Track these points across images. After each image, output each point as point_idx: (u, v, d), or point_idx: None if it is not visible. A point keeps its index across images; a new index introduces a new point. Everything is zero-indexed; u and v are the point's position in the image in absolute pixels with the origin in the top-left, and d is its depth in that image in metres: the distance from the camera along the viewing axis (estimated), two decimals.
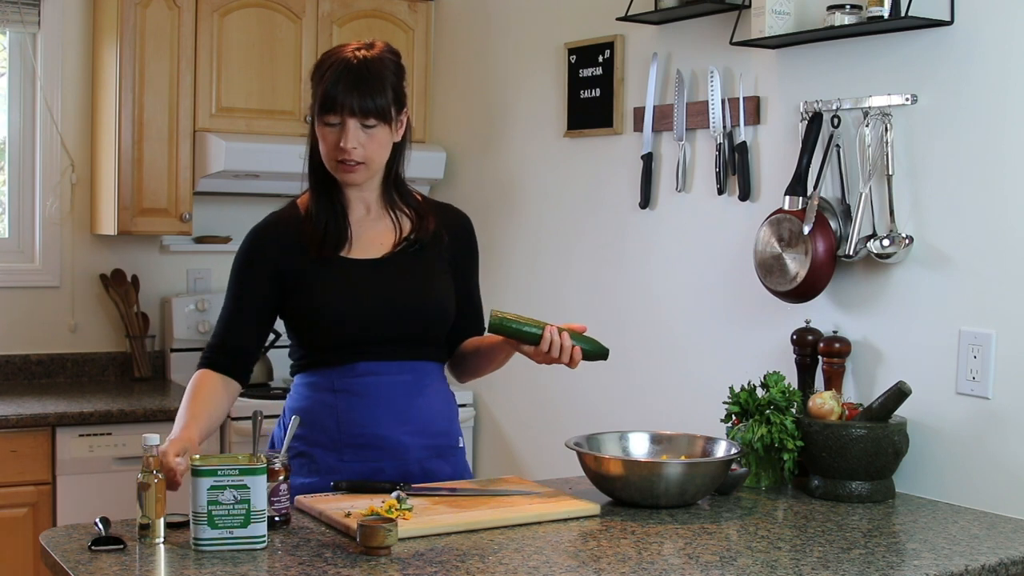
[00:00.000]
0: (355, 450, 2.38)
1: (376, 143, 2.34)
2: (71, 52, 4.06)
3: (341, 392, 2.38)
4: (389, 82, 2.34)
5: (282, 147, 3.97)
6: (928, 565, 2.04)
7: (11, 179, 4.08)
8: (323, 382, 2.40)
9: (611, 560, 2.00)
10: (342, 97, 2.28)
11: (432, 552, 2.01)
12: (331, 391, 2.39)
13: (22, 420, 3.45)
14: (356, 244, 2.40)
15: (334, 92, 2.29)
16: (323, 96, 2.30)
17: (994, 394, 2.51)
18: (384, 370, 2.38)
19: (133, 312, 4.13)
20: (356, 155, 2.32)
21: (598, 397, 3.58)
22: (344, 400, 2.38)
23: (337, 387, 2.38)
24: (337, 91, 2.29)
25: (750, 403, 2.61)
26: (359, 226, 2.42)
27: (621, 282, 3.50)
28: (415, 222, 2.44)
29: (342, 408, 2.38)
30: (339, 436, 2.38)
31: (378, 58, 2.34)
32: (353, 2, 4.21)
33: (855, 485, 2.52)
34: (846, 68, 2.81)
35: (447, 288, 2.46)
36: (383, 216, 2.45)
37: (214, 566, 1.89)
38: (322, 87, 2.31)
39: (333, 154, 2.33)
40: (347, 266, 2.38)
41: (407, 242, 2.42)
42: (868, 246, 2.70)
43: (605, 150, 3.56)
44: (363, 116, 2.30)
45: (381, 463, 2.39)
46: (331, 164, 2.35)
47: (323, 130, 2.33)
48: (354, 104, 2.28)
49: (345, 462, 2.38)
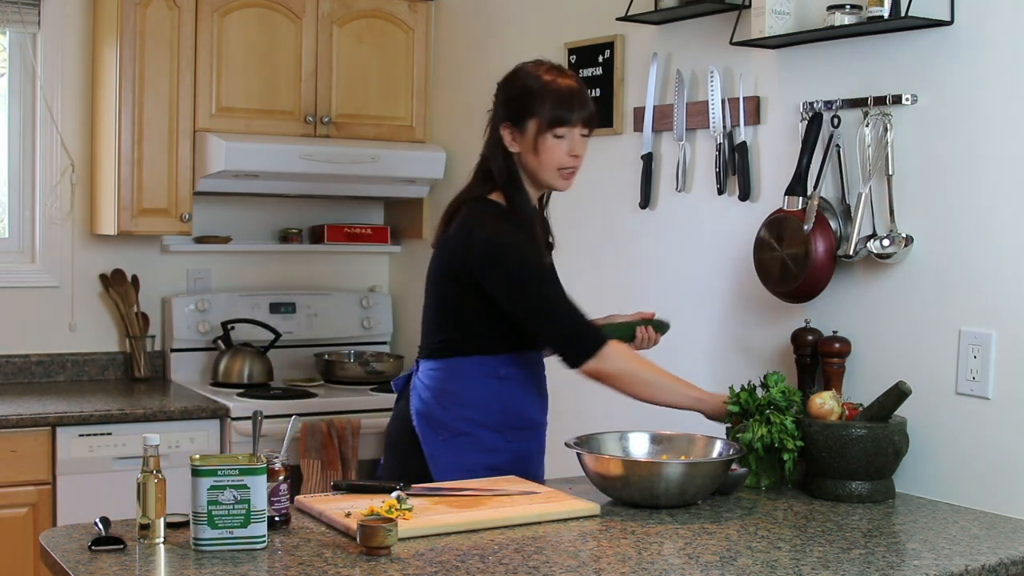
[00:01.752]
0: (517, 431, 2.67)
1: (586, 149, 2.67)
2: (71, 52, 4.06)
3: (504, 379, 2.64)
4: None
5: (282, 147, 3.97)
6: (928, 565, 2.04)
7: (11, 179, 4.08)
8: (487, 369, 2.64)
9: (611, 560, 2.00)
10: (575, 115, 2.59)
11: (432, 552, 2.01)
12: (496, 378, 2.64)
13: (22, 420, 3.45)
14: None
15: (567, 112, 2.58)
16: (555, 114, 2.58)
17: (994, 394, 2.51)
18: (535, 360, 2.72)
19: (133, 312, 4.14)
20: (579, 162, 2.64)
21: (598, 397, 3.58)
22: (507, 386, 2.65)
23: (501, 374, 2.64)
24: (572, 110, 2.59)
25: (750, 403, 2.61)
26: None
27: (621, 282, 3.50)
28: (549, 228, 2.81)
29: (506, 394, 2.64)
30: (503, 418, 2.64)
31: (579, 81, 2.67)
32: (353, 2, 4.21)
33: (855, 485, 2.52)
34: (846, 68, 2.81)
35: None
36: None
37: (214, 566, 1.89)
38: (552, 105, 2.58)
39: (561, 162, 2.61)
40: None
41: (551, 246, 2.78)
42: (868, 246, 2.69)
43: (605, 150, 3.56)
44: (586, 126, 2.62)
45: (532, 443, 2.71)
46: (551, 172, 2.62)
47: (549, 142, 2.59)
48: (585, 121, 2.61)
49: (509, 442, 2.65)
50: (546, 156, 2.60)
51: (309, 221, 4.50)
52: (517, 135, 2.61)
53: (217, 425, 3.71)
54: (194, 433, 3.66)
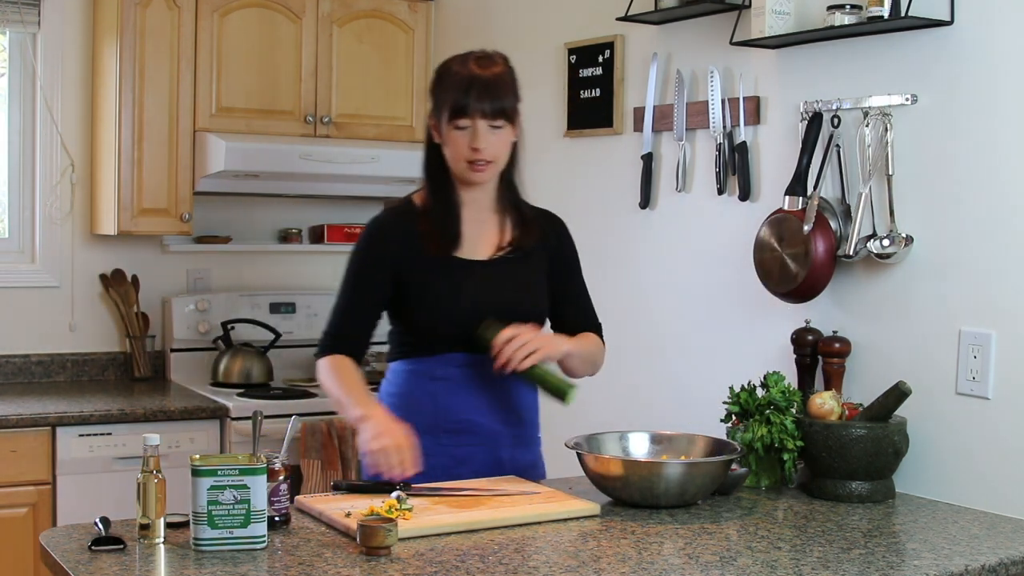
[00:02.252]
0: (452, 435, 2.52)
1: (502, 142, 2.50)
2: (71, 52, 4.06)
3: (440, 380, 2.53)
4: (513, 85, 2.51)
5: (282, 147, 3.97)
6: (928, 565, 2.04)
7: (11, 179, 4.08)
8: (423, 369, 2.54)
9: (611, 560, 2.00)
10: (474, 104, 2.44)
11: (432, 552, 2.01)
12: (431, 379, 2.53)
13: (22, 420, 3.45)
14: (466, 244, 2.54)
15: (466, 100, 2.44)
16: (454, 104, 2.45)
17: (994, 394, 2.51)
18: (481, 362, 2.49)
19: (133, 312, 4.14)
20: (485, 154, 2.47)
21: (598, 397, 3.58)
22: (443, 387, 2.53)
23: (437, 375, 2.53)
24: (470, 99, 2.44)
25: (750, 403, 2.61)
26: (469, 226, 2.55)
27: (621, 282, 3.50)
28: (520, 228, 2.59)
29: (441, 395, 2.52)
30: (436, 422, 2.51)
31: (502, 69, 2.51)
32: (353, 2, 4.21)
33: (855, 485, 2.52)
34: (846, 68, 2.81)
35: (543, 295, 2.62)
36: (492, 218, 2.59)
37: (214, 566, 1.89)
38: (453, 94, 2.45)
39: (464, 154, 2.47)
40: (457, 265, 2.52)
41: (513, 245, 2.58)
42: (868, 246, 2.69)
43: (605, 150, 3.56)
44: (493, 117, 2.45)
45: (474, 447, 2.54)
46: (460, 165, 2.49)
47: (454, 134, 2.47)
48: (487, 110, 2.45)
49: (443, 446, 2.50)
50: (451, 148, 2.49)
51: (309, 221, 4.50)
52: (436, 127, 2.53)
53: (217, 425, 3.71)
54: (194, 433, 3.66)
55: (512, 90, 2.51)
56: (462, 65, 2.49)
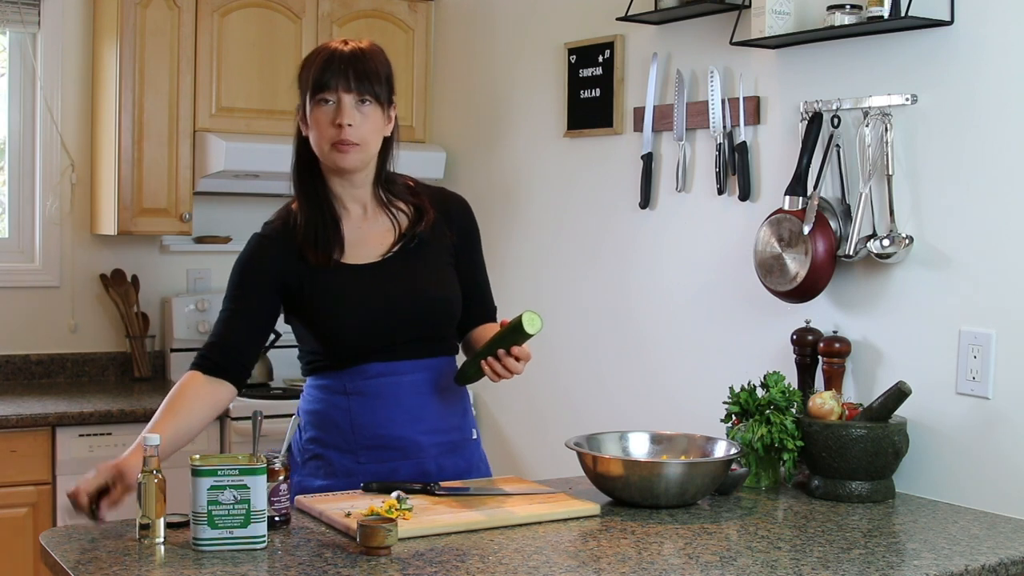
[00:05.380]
0: (370, 451, 2.37)
1: (370, 124, 2.31)
2: (71, 52, 4.06)
3: (353, 395, 2.37)
4: (381, 66, 2.34)
5: (282, 147, 3.90)
6: (928, 565, 2.04)
7: (11, 179, 4.08)
8: (335, 384, 2.39)
9: (611, 560, 2.00)
10: (336, 75, 2.28)
11: (432, 552, 2.01)
12: (343, 394, 2.38)
13: (22, 420, 3.45)
14: (355, 248, 2.37)
15: (328, 73, 2.28)
16: (316, 78, 2.29)
17: (994, 394, 2.51)
18: (394, 370, 2.37)
19: (133, 312, 4.14)
20: (352, 134, 2.28)
21: (598, 397, 3.58)
22: (357, 402, 2.37)
23: (349, 389, 2.37)
24: (331, 71, 2.28)
25: (750, 403, 2.61)
26: (357, 229, 2.39)
27: (621, 282, 3.50)
28: (413, 216, 2.42)
29: (355, 410, 2.37)
30: (353, 438, 2.37)
31: (369, 46, 2.36)
32: (353, 2, 4.21)
33: (855, 485, 2.52)
34: (846, 68, 2.81)
35: (451, 282, 2.44)
36: (380, 215, 2.41)
37: (214, 566, 1.89)
38: (314, 71, 2.30)
39: (329, 134, 2.29)
40: (346, 272, 2.35)
41: (405, 239, 2.39)
42: (868, 246, 2.70)
43: (605, 150, 3.56)
44: (358, 92, 2.28)
45: (396, 463, 2.38)
46: (325, 148, 2.31)
47: (317, 112, 2.30)
48: (350, 81, 2.28)
49: (361, 464, 2.37)
50: (315, 130, 2.30)
51: None
52: (303, 117, 2.35)
53: (217, 425, 3.71)
54: None
55: (381, 69, 2.33)
56: (324, 47, 2.35)
